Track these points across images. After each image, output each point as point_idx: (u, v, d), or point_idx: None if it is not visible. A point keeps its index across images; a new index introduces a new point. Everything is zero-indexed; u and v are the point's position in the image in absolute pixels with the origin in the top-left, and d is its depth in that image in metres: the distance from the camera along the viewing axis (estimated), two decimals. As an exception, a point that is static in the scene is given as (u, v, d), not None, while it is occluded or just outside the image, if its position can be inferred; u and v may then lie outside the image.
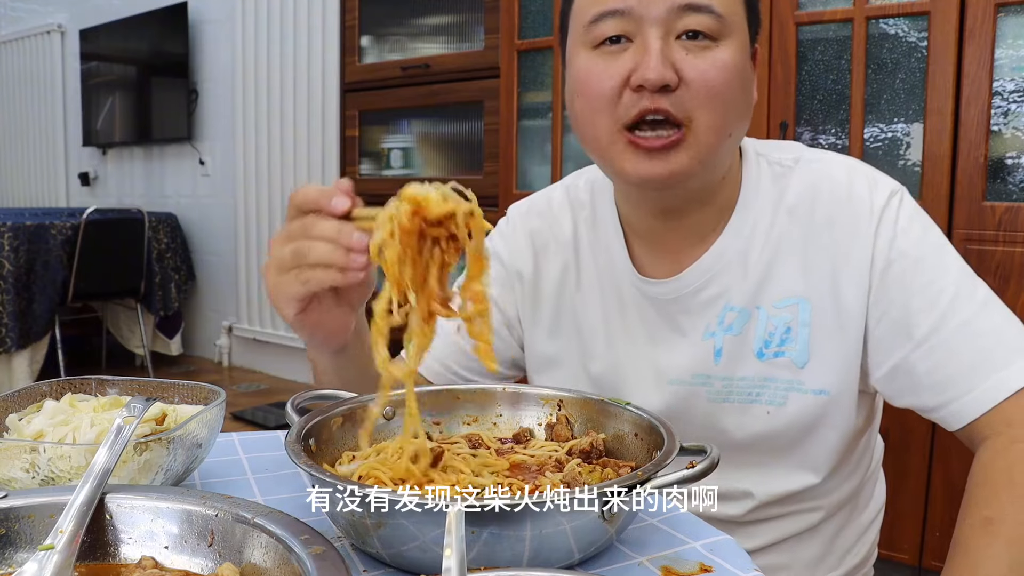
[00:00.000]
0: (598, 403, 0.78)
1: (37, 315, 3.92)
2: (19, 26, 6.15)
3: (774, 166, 0.94)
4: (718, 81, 0.81)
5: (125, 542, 0.56)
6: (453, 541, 0.44)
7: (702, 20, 0.81)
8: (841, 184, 0.90)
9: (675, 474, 0.59)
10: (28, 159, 6.16)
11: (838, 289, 0.88)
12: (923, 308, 0.84)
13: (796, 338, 0.90)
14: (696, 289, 0.93)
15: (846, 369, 0.89)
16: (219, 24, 4.65)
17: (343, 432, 0.75)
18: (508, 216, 1.10)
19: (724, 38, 0.82)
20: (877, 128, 2.08)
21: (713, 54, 0.82)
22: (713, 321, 0.93)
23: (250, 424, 3.66)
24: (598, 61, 0.84)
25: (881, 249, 0.87)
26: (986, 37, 1.89)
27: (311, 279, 0.71)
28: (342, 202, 0.70)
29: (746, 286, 0.91)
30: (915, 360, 0.85)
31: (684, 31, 0.81)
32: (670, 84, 0.80)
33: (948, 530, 0.79)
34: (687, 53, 0.81)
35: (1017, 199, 1.91)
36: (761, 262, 0.91)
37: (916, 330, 0.84)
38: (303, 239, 0.71)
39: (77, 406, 0.76)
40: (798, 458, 0.94)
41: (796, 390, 0.91)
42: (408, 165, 3.53)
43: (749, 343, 0.91)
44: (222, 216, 4.75)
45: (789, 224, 0.91)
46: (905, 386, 0.87)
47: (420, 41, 3.46)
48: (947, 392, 0.83)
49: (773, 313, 0.91)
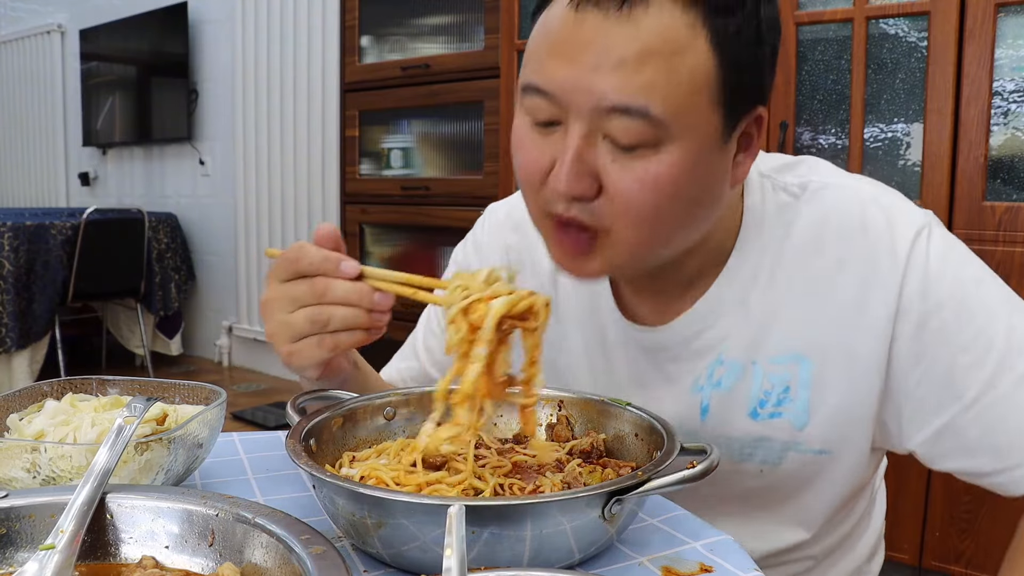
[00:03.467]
0: (599, 403, 0.78)
1: (37, 315, 3.91)
2: (19, 26, 6.14)
3: (779, 192, 0.82)
4: (642, 200, 0.69)
5: (126, 542, 0.56)
6: (454, 541, 0.44)
7: (631, 127, 0.67)
8: (854, 218, 0.78)
9: (675, 474, 0.59)
10: (28, 159, 6.16)
11: (849, 343, 0.78)
12: (972, 364, 0.74)
13: (795, 398, 0.80)
14: (687, 339, 0.83)
15: (854, 429, 0.81)
16: (219, 24, 4.65)
17: (343, 432, 0.75)
18: (484, 220, 1.03)
19: (666, 144, 0.68)
20: (877, 128, 2.08)
21: (644, 165, 0.68)
22: (703, 374, 0.83)
23: (250, 424, 3.66)
24: (530, 133, 0.73)
25: (911, 301, 0.75)
26: (986, 37, 1.89)
27: (338, 343, 0.71)
28: (352, 267, 0.70)
29: (743, 337, 0.81)
30: (966, 422, 0.75)
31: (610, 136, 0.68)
32: (587, 195, 0.70)
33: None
34: (612, 160, 0.69)
35: (1017, 199, 1.91)
36: (761, 310, 0.81)
37: (966, 390, 0.74)
38: (317, 304, 0.70)
39: (78, 406, 0.76)
40: (790, 513, 0.87)
41: (794, 450, 0.82)
42: (408, 165, 3.53)
43: (741, 402, 0.82)
44: (222, 216, 4.75)
45: (794, 268, 0.80)
46: (952, 449, 0.77)
47: (420, 41, 3.46)
48: (1010, 456, 0.74)
49: (770, 370, 0.81)
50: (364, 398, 0.78)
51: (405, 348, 1.08)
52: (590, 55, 0.67)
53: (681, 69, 0.66)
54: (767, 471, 0.84)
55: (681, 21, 0.66)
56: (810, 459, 0.82)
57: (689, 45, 0.66)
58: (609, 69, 0.66)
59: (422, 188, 3.33)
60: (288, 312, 0.71)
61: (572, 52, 0.68)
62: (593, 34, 0.66)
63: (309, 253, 0.71)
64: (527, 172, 0.74)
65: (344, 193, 3.68)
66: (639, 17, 0.66)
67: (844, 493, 0.87)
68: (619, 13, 0.66)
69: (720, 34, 0.67)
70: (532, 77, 0.71)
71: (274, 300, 0.72)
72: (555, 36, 0.69)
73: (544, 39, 0.70)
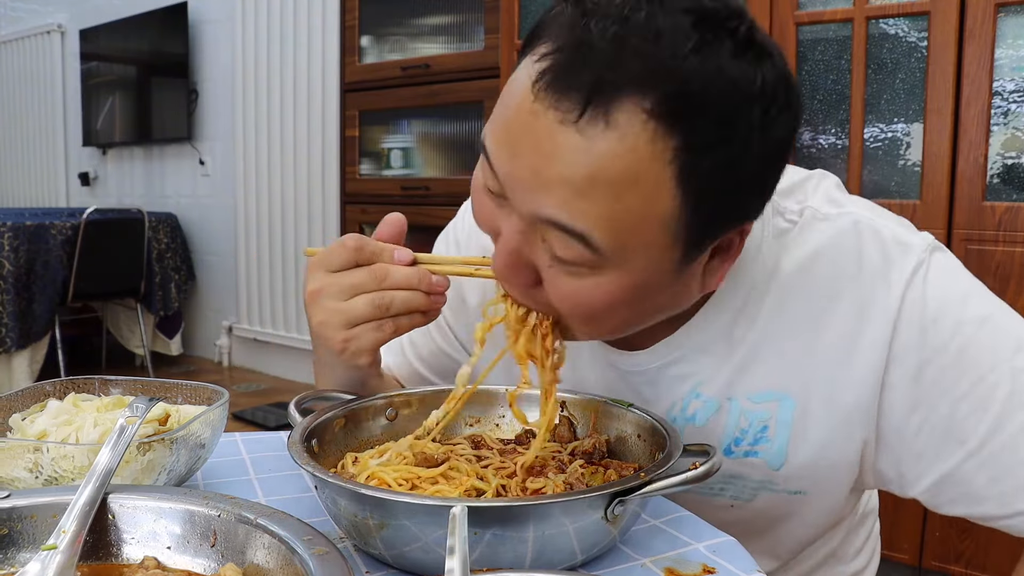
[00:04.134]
0: (601, 404, 0.78)
1: (37, 315, 3.91)
2: (19, 26, 6.14)
3: (778, 218, 0.76)
4: (579, 312, 0.64)
5: (128, 542, 0.56)
6: (456, 542, 0.44)
7: (569, 246, 0.59)
8: (850, 253, 0.73)
9: (678, 476, 0.59)
10: (28, 159, 6.16)
11: (835, 386, 0.73)
12: (974, 411, 0.70)
13: (773, 438, 0.76)
14: (663, 365, 0.79)
15: (833, 473, 0.77)
16: (219, 24, 4.65)
17: (345, 433, 0.75)
18: (462, 218, 0.98)
19: (606, 270, 0.61)
20: (877, 128, 2.08)
21: (578, 284, 0.62)
22: (678, 404, 0.79)
23: (250, 424, 3.66)
24: (483, 190, 0.67)
25: (906, 348, 0.70)
26: (986, 37, 1.89)
27: (399, 326, 0.73)
28: (406, 254, 0.73)
29: (723, 371, 0.77)
30: (970, 469, 0.71)
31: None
32: (525, 285, 0.65)
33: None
34: (549, 265, 0.62)
35: (1017, 199, 1.91)
36: (746, 343, 0.76)
37: (969, 437, 0.70)
38: (379, 290, 0.72)
39: (80, 406, 0.76)
40: (759, 546, 0.83)
41: (768, 490, 0.79)
42: (408, 165, 3.53)
43: (716, 438, 0.78)
44: (222, 216, 4.75)
45: (783, 301, 0.74)
46: (957, 496, 0.73)
47: (420, 41, 3.46)
48: (1017, 501, 0.70)
49: (748, 407, 0.77)
50: (366, 399, 0.78)
51: (392, 343, 1.06)
52: (537, 159, 0.58)
53: (634, 207, 0.57)
54: (738, 506, 0.81)
55: (647, 151, 0.56)
56: (783, 499, 0.79)
57: (651, 181, 0.57)
58: (553, 183, 0.58)
59: (422, 188, 3.33)
60: (343, 300, 0.72)
61: (518, 145, 0.60)
62: (544, 136, 0.57)
63: (369, 242, 0.73)
64: (482, 226, 0.70)
65: (344, 193, 3.68)
66: (595, 136, 0.56)
67: (817, 530, 0.85)
68: (576, 123, 0.56)
69: (690, 176, 0.57)
70: (486, 140, 0.64)
71: (325, 288, 0.72)
72: (510, 114, 0.61)
73: (503, 106, 0.63)
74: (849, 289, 0.72)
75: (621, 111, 0.55)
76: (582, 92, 0.56)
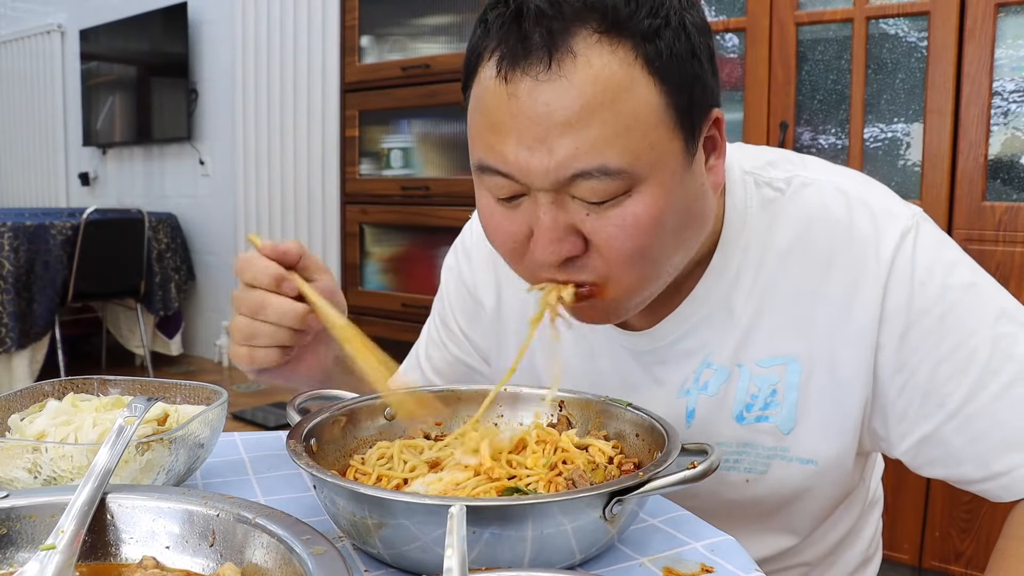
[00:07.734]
0: (599, 403, 0.78)
1: (37, 315, 3.92)
2: (19, 26, 6.14)
3: (763, 188, 0.80)
4: (630, 243, 0.67)
5: (126, 542, 0.56)
6: (454, 541, 0.44)
7: (596, 187, 0.64)
8: (840, 221, 0.77)
9: (676, 475, 0.59)
10: (28, 159, 6.16)
11: (835, 349, 0.77)
12: (954, 374, 0.73)
13: (782, 401, 0.79)
14: (672, 341, 0.82)
15: (840, 438, 0.80)
16: (219, 24, 4.65)
17: (344, 432, 0.75)
18: (471, 228, 1.01)
19: (636, 187, 0.66)
20: (877, 128, 2.08)
21: (620, 212, 0.66)
22: (691, 377, 0.82)
23: (250, 424, 3.66)
24: (498, 208, 0.71)
25: (895, 309, 0.74)
26: (986, 37, 1.89)
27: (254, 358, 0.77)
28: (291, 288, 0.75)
29: (729, 339, 0.80)
30: (949, 431, 0.74)
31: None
32: (573, 254, 0.68)
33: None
34: (587, 214, 0.66)
35: (1017, 199, 1.92)
36: (747, 311, 0.79)
37: (948, 399, 0.73)
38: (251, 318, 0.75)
39: (79, 406, 0.76)
40: (776, 523, 0.86)
41: (780, 457, 0.81)
42: (408, 165, 3.53)
43: (727, 405, 0.81)
44: (222, 216, 4.75)
45: (779, 269, 0.78)
46: (937, 458, 0.76)
47: (420, 41, 3.46)
48: (996, 464, 0.73)
49: (757, 372, 0.80)
50: (365, 398, 0.78)
51: (410, 359, 1.07)
52: (535, 128, 0.63)
53: (628, 111, 0.63)
54: (752, 480, 0.83)
55: (613, 61, 0.63)
56: (796, 469, 0.81)
57: (628, 83, 0.63)
58: (556, 137, 0.63)
59: (422, 188, 3.33)
60: (237, 315, 0.77)
61: (515, 128, 0.64)
62: (530, 103, 0.63)
63: (254, 266, 0.75)
64: (505, 247, 0.72)
65: (344, 193, 3.68)
66: (569, 72, 0.62)
67: (831, 503, 0.86)
68: (548, 73, 0.62)
69: (654, 61, 0.64)
70: (484, 158, 0.68)
71: (233, 299, 0.77)
72: (493, 114, 0.66)
73: (483, 118, 0.67)
74: (843, 256, 0.76)
75: (578, 43, 0.63)
76: (542, 47, 0.63)
